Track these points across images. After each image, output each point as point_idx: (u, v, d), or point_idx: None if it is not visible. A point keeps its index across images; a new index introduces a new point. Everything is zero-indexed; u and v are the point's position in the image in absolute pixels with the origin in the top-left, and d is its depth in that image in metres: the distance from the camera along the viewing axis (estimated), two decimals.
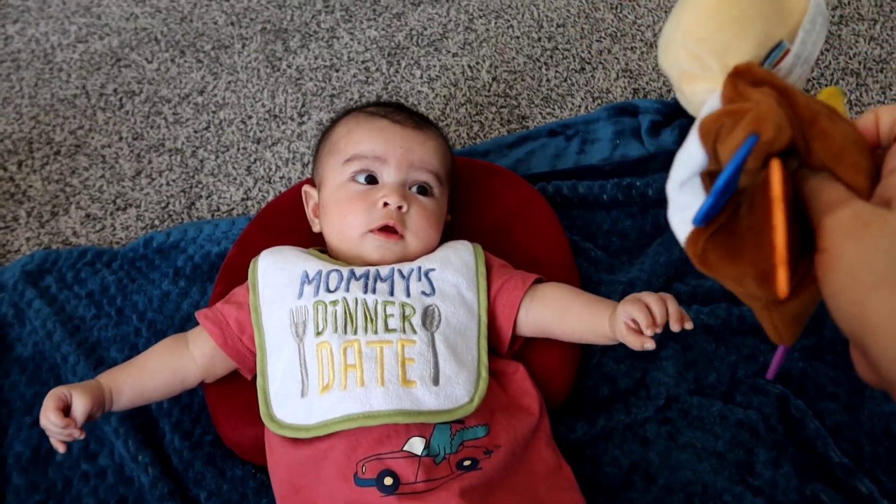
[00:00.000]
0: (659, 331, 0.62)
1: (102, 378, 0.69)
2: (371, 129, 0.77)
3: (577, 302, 0.72)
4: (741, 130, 0.32)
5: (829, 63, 1.19)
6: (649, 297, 0.64)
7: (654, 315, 0.62)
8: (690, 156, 0.35)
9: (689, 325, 0.63)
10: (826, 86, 1.16)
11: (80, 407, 0.64)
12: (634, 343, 0.63)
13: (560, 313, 0.71)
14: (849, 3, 1.29)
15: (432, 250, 0.76)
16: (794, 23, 0.37)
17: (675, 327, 0.63)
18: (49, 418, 0.63)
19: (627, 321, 0.64)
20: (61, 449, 0.65)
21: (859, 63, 1.19)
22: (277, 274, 0.72)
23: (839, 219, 0.33)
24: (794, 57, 0.36)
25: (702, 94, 0.38)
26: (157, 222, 1.03)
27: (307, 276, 0.71)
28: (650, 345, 0.62)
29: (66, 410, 0.64)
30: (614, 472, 0.74)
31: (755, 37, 0.36)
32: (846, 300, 0.33)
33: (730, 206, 0.35)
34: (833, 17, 1.27)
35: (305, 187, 0.83)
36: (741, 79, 0.35)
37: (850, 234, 0.33)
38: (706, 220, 0.35)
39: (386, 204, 0.72)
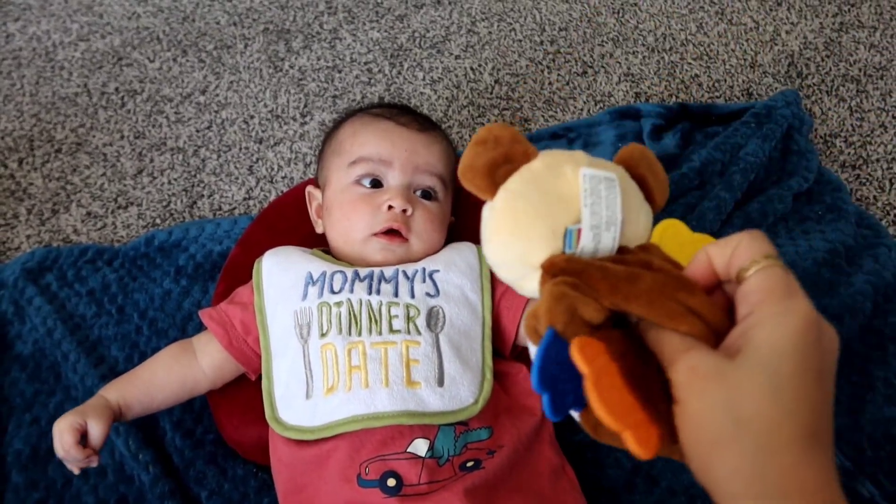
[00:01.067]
0: None
1: (110, 394, 0.68)
2: (376, 131, 0.77)
3: None
4: (542, 327, 0.35)
5: (830, 69, 1.19)
6: None
7: None
8: (534, 354, 0.37)
9: None
10: (830, 92, 1.16)
11: (98, 434, 0.63)
12: None
13: None
14: (849, 10, 1.30)
15: (436, 252, 0.76)
16: (576, 205, 0.38)
17: None
18: (70, 454, 0.62)
19: None
20: (76, 471, 0.65)
21: (859, 70, 1.19)
22: (281, 275, 0.72)
23: (680, 372, 0.34)
24: (591, 230, 0.38)
25: (537, 293, 0.40)
26: (158, 221, 1.03)
27: (311, 277, 0.71)
28: None
29: (82, 437, 0.63)
30: (616, 474, 0.74)
31: (542, 236, 0.38)
32: (693, 452, 0.33)
33: None
34: (833, 24, 1.27)
35: (309, 188, 0.83)
36: (547, 273, 0.37)
37: (691, 389, 0.33)
38: (560, 412, 0.36)
39: (390, 207, 0.72)
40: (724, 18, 1.30)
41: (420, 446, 0.63)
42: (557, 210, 0.39)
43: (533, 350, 0.36)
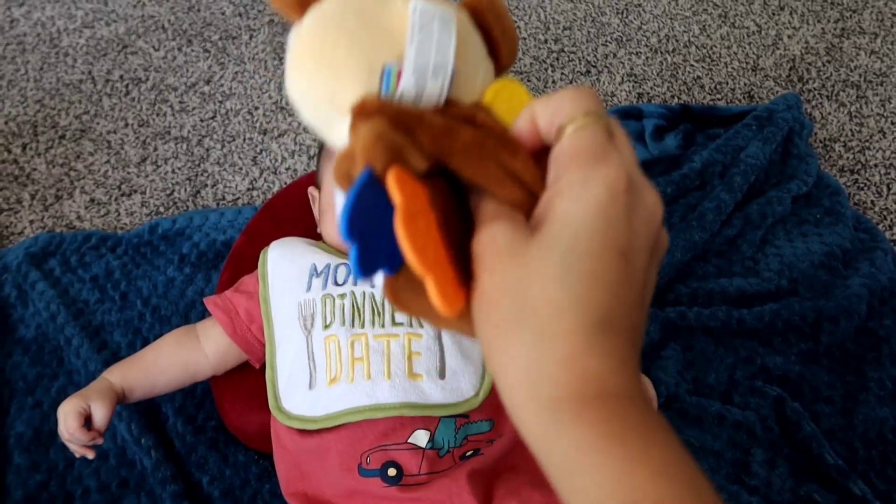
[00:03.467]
0: None
1: (112, 376, 0.69)
2: None
3: None
4: (357, 167, 0.30)
5: (831, 74, 1.21)
6: None
7: None
8: (341, 204, 0.31)
9: None
10: (831, 97, 1.17)
11: (102, 417, 0.65)
12: None
13: None
14: (850, 16, 1.31)
15: None
16: (401, 41, 0.32)
17: None
18: (75, 437, 0.64)
19: None
20: (90, 455, 0.66)
21: (860, 76, 1.20)
22: (286, 266, 0.73)
23: (479, 242, 0.29)
24: (415, 73, 0.32)
25: (344, 141, 0.34)
26: (161, 209, 1.03)
27: (315, 268, 0.71)
28: None
29: (86, 421, 0.65)
30: None
31: (355, 72, 0.32)
32: (480, 333, 0.29)
33: None
34: (835, 29, 1.28)
35: (310, 189, 0.84)
36: (358, 117, 0.32)
37: (484, 264, 0.29)
38: (368, 269, 0.31)
39: None
40: (727, 21, 1.31)
41: (421, 437, 0.64)
42: (377, 42, 0.32)
43: (340, 199, 0.31)
